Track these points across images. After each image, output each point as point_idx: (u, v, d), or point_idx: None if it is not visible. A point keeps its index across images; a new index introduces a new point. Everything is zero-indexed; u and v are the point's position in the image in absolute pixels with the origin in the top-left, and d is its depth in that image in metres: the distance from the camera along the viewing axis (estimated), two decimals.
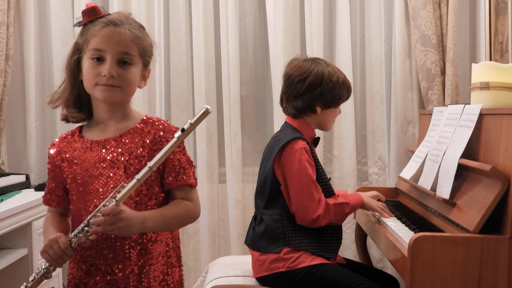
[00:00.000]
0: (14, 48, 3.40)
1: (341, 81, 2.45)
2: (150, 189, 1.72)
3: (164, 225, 1.72)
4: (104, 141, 1.72)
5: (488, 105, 2.31)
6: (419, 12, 3.24)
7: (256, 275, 2.40)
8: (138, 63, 1.72)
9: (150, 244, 1.73)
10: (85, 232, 1.59)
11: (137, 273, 1.70)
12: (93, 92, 1.70)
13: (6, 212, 2.49)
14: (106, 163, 1.70)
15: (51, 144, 1.82)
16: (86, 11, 1.71)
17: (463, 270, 1.94)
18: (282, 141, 2.37)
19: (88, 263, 1.72)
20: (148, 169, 1.58)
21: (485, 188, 2.06)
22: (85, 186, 1.71)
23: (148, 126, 1.75)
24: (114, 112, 1.75)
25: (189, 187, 1.76)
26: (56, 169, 1.79)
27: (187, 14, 3.51)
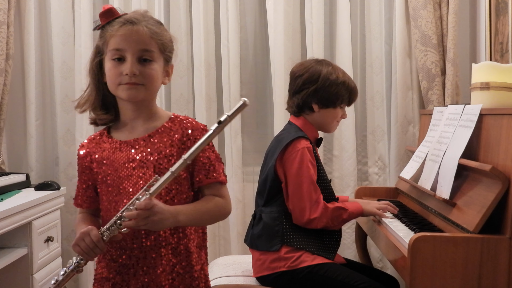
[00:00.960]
0: (15, 47, 3.40)
1: (340, 81, 2.44)
2: (180, 187, 1.71)
3: (196, 219, 1.70)
4: (133, 141, 1.72)
5: (488, 105, 2.31)
6: (419, 12, 3.24)
7: (256, 275, 2.40)
8: (159, 59, 1.72)
9: (183, 242, 1.72)
10: (117, 225, 1.58)
11: (168, 272, 1.70)
12: (117, 92, 1.70)
13: (6, 212, 2.49)
14: (136, 163, 1.70)
15: (80, 145, 1.82)
16: (103, 13, 1.71)
17: (463, 270, 1.94)
18: (285, 139, 2.38)
19: (117, 263, 1.71)
20: (183, 161, 1.57)
21: (485, 188, 2.06)
22: (115, 187, 1.71)
23: (176, 125, 1.74)
24: (141, 112, 1.75)
25: (220, 184, 1.75)
26: (86, 170, 1.78)
27: (188, 14, 3.52)
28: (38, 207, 2.82)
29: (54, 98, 3.55)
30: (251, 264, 2.49)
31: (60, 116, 3.54)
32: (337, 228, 2.42)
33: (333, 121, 2.52)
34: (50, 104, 3.57)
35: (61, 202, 3.15)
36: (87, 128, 3.44)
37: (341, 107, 2.51)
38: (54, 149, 3.59)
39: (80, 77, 3.45)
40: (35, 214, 2.78)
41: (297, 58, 3.49)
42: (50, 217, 2.99)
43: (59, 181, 3.42)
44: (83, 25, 3.45)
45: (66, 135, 3.54)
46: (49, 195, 2.96)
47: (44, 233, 2.91)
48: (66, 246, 3.51)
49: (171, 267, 1.70)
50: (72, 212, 3.54)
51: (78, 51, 3.47)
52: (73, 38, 3.50)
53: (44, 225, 2.90)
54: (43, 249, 2.90)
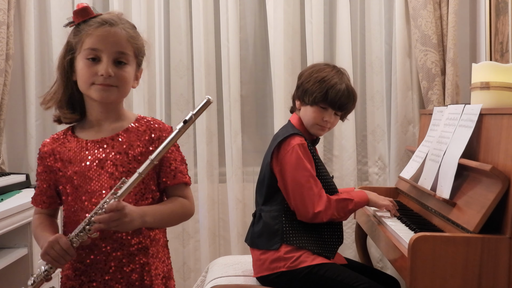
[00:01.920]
0: (15, 48, 3.39)
1: (320, 79, 2.39)
2: (147, 187, 1.73)
3: (162, 221, 1.73)
4: (101, 140, 1.72)
5: (488, 105, 2.31)
6: (419, 12, 3.24)
7: (256, 275, 2.40)
8: (133, 63, 1.73)
9: (149, 241, 1.73)
10: (87, 231, 1.58)
11: (139, 272, 1.70)
12: (89, 92, 1.69)
13: (6, 212, 2.49)
14: (103, 162, 1.70)
15: (42, 144, 1.80)
16: (78, 11, 1.70)
17: (463, 270, 1.94)
18: (279, 137, 2.38)
19: (84, 263, 1.71)
20: (150, 162, 1.59)
21: (485, 188, 2.06)
22: (82, 186, 1.70)
23: (143, 126, 1.75)
24: (109, 113, 1.75)
25: (185, 185, 1.78)
26: (47, 170, 1.77)
27: (188, 14, 3.51)
28: None
29: None
30: (251, 264, 2.49)
31: None
32: (344, 219, 2.42)
33: (312, 122, 2.43)
34: None
35: None
36: None
37: (321, 107, 2.41)
38: None
39: None
40: None
41: (297, 58, 3.49)
42: None
43: None
44: None
45: None
46: None
47: None
48: None
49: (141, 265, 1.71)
50: None
51: None
52: None
53: None
54: None
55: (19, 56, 3.49)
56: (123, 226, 1.59)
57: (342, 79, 2.42)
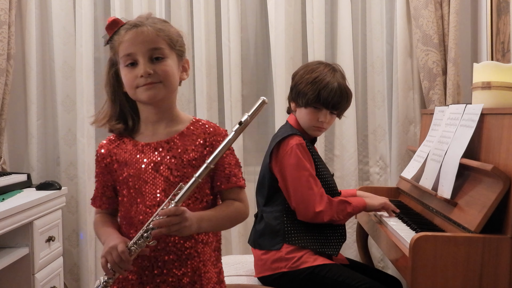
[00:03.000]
0: (16, 47, 3.40)
1: (312, 80, 2.38)
2: (201, 191, 1.72)
3: (217, 225, 1.72)
4: (156, 143, 1.71)
5: (490, 104, 2.31)
6: (420, 11, 3.23)
7: (258, 275, 2.40)
8: (171, 55, 1.71)
9: (202, 245, 1.72)
10: (145, 238, 1.57)
11: (190, 275, 1.69)
12: (137, 96, 1.69)
13: (7, 211, 2.49)
14: (158, 166, 1.69)
15: (99, 145, 1.81)
16: (108, 25, 1.71)
17: (464, 270, 1.94)
18: (278, 137, 2.38)
19: (136, 264, 1.69)
20: (206, 166, 1.59)
21: (486, 188, 2.06)
22: (137, 189, 1.70)
23: (198, 129, 1.74)
24: (163, 115, 1.74)
25: (239, 188, 1.77)
26: (105, 171, 1.77)
27: (189, 14, 3.51)
28: (39, 207, 2.82)
29: (55, 98, 3.54)
30: (252, 264, 2.50)
31: (61, 116, 3.54)
32: (343, 222, 2.42)
33: (308, 123, 2.44)
34: (51, 104, 3.57)
35: (62, 202, 3.15)
36: (88, 128, 3.45)
37: (315, 107, 2.40)
38: (55, 149, 3.59)
39: (81, 77, 3.46)
40: (36, 214, 2.78)
41: (298, 58, 3.49)
42: (51, 217, 2.99)
43: (60, 181, 3.42)
44: (84, 25, 3.44)
45: (67, 135, 3.54)
46: (50, 195, 2.95)
47: (45, 233, 2.91)
48: (67, 246, 3.51)
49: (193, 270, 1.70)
50: (73, 212, 3.55)
51: (79, 51, 3.47)
52: (74, 38, 3.50)
53: (45, 225, 2.90)
54: (44, 249, 2.90)
55: (20, 56, 3.49)
56: (183, 230, 1.58)
57: (335, 77, 2.40)
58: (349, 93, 2.45)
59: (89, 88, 3.47)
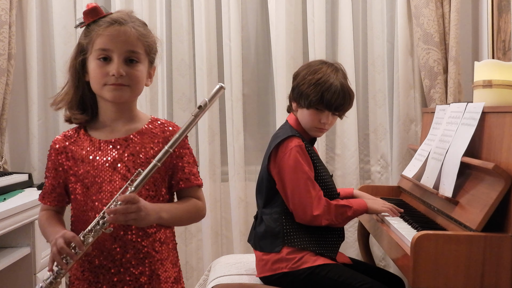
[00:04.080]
0: (17, 47, 3.40)
1: (315, 82, 2.35)
2: (158, 190, 1.72)
3: (177, 218, 1.72)
4: (114, 141, 1.71)
5: (491, 103, 2.31)
6: (421, 10, 3.23)
7: (259, 275, 2.40)
8: (145, 61, 1.71)
9: (159, 244, 1.73)
10: (101, 225, 1.56)
11: (148, 274, 1.70)
12: (102, 92, 1.69)
13: (8, 211, 2.49)
14: (115, 163, 1.69)
15: (53, 141, 1.79)
16: (87, 11, 1.69)
17: (465, 268, 1.94)
18: (277, 139, 2.37)
19: (93, 265, 1.70)
20: (166, 150, 1.60)
21: (487, 186, 2.06)
22: (93, 186, 1.69)
23: (157, 128, 1.75)
24: (122, 113, 1.74)
25: (197, 187, 1.79)
26: (58, 167, 1.76)
27: (189, 13, 3.51)
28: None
29: None
30: (253, 263, 2.49)
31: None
32: (342, 225, 2.40)
33: (310, 124, 2.42)
34: None
35: None
36: None
37: (318, 109, 2.38)
38: None
39: None
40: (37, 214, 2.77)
41: (299, 57, 3.49)
42: None
43: None
44: None
45: None
46: None
47: None
48: None
49: (150, 269, 1.70)
50: None
51: None
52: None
53: None
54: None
55: (21, 56, 3.49)
56: (140, 220, 1.58)
57: (337, 78, 2.37)
58: (352, 94, 2.43)
59: None
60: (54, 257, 1.58)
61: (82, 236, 1.58)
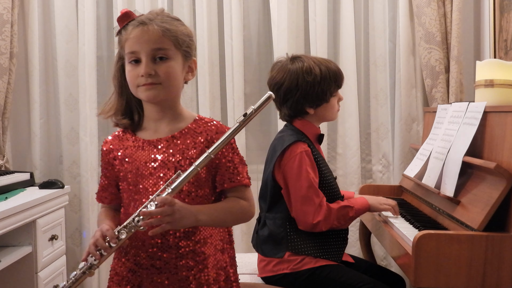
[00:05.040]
0: (18, 46, 3.40)
1: (320, 77, 2.36)
2: (200, 190, 1.70)
3: (218, 219, 1.70)
4: (156, 141, 1.71)
5: (493, 102, 2.31)
6: (423, 9, 3.23)
7: (261, 275, 2.40)
8: (176, 56, 1.69)
9: (199, 246, 1.70)
10: (135, 223, 1.57)
11: (184, 275, 1.68)
12: (138, 94, 1.69)
13: (10, 210, 2.49)
14: (157, 163, 1.69)
15: (104, 141, 1.81)
16: (119, 17, 1.70)
17: (467, 268, 1.94)
18: (283, 144, 2.34)
19: (131, 261, 1.70)
20: (207, 155, 1.58)
21: (489, 186, 2.06)
22: (135, 185, 1.70)
23: (201, 127, 1.73)
24: (165, 113, 1.74)
25: (244, 187, 1.75)
26: (108, 167, 1.78)
27: (191, 12, 3.51)
28: (43, 205, 2.82)
29: (58, 96, 3.55)
30: (255, 263, 2.50)
31: (64, 115, 3.55)
32: (346, 227, 2.39)
33: (333, 111, 2.47)
34: (54, 103, 3.58)
35: (66, 201, 3.15)
36: (91, 127, 3.46)
37: (334, 95, 2.44)
38: (58, 148, 3.60)
39: (83, 75, 3.46)
40: (39, 213, 2.78)
41: None
42: (55, 215, 2.99)
43: (63, 180, 3.42)
44: (87, 24, 3.45)
45: (70, 134, 3.55)
46: (54, 193, 2.96)
47: (48, 231, 2.91)
48: (70, 244, 3.52)
49: (188, 269, 1.69)
50: (76, 210, 3.55)
51: (82, 50, 3.47)
52: (76, 37, 3.50)
53: (49, 223, 2.90)
54: (48, 248, 2.90)
55: (23, 55, 3.49)
56: (175, 223, 1.57)
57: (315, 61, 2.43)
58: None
59: (91, 87, 3.47)
60: (89, 247, 1.61)
61: (117, 231, 1.59)
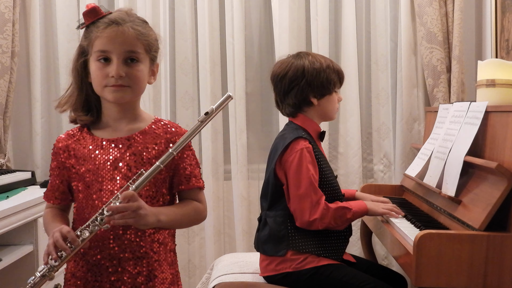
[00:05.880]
0: (20, 45, 3.40)
1: (325, 66, 2.39)
2: (159, 191, 1.72)
3: (176, 221, 1.72)
4: (116, 140, 1.71)
5: (494, 102, 2.30)
6: (425, 9, 3.23)
7: (263, 274, 2.40)
8: (145, 60, 1.70)
9: (158, 245, 1.73)
10: (99, 221, 1.56)
11: (145, 275, 1.70)
12: (103, 94, 1.69)
13: (12, 209, 2.49)
14: (117, 162, 1.69)
15: (57, 140, 1.80)
16: (86, 12, 1.68)
17: (468, 268, 1.94)
18: (284, 141, 2.35)
19: (90, 263, 1.70)
20: (170, 153, 1.59)
21: (490, 186, 2.06)
22: (94, 185, 1.70)
23: (160, 128, 1.74)
24: (125, 113, 1.74)
25: (198, 189, 1.78)
26: (60, 166, 1.77)
27: (193, 11, 3.51)
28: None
29: (59, 95, 3.51)
30: (256, 262, 2.49)
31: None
32: (342, 228, 2.36)
33: (334, 107, 2.48)
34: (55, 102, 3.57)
35: None
36: None
37: (335, 91, 2.46)
38: None
39: None
40: (40, 212, 2.78)
41: None
42: None
43: None
44: None
45: None
46: None
47: None
48: None
49: (148, 269, 1.70)
50: None
51: None
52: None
53: None
54: None
55: (25, 54, 3.49)
56: (139, 219, 1.56)
57: (327, 58, 2.48)
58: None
59: None
60: (48, 249, 1.60)
61: (79, 231, 1.58)
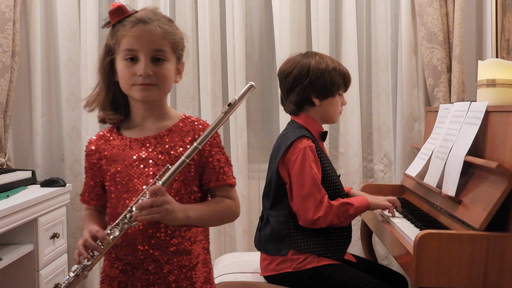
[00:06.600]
0: (21, 44, 3.40)
1: (331, 68, 2.39)
2: (189, 188, 1.70)
3: (205, 218, 1.70)
4: (144, 139, 1.71)
5: (494, 102, 2.31)
6: (425, 9, 3.23)
7: (263, 274, 2.40)
8: (172, 58, 1.70)
9: (189, 243, 1.71)
10: (128, 219, 1.56)
11: (176, 273, 1.68)
12: (131, 92, 1.69)
13: (12, 208, 2.49)
14: (146, 161, 1.68)
15: (88, 141, 1.80)
16: (112, 11, 1.68)
17: (468, 267, 1.94)
18: (287, 140, 2.35)
19: (123, 262, 1.70)
20: (195, 146, 1.59)
21: (491, 186, 2.06)
22: (124, 184, 1.69)
23: (187, 126, 1.73)
24: (152, 111, 1.73)
25: (229, 186, 1.75)
26: (94, 167, 1.77)
27: (193, 11, 3.51)
28: (44, 203, 2.82)
29: (60, 95, 3.55)
30: (256, 262, 2.50)
31: (66, 113, 3.55)
32: (345, 224, 2.37)
33: (336, 110, 2.47)
34: (56, 101, 3.58)
35: (67, 199, 3.16)
36: (92, 125, 3.45)
37: (339, 94, 2.45)
38: (60, 146, 3.60)
39: (86, 74, 3.46)
40: (41, 211, 2.79)
41: None
42: (56, 213, 2.99)
43: (65, 178, 3.43)
44: (89, 22, 3.45)
45: (71, 132, 3.55)
46: (55, 191, 2.96)
47: (50, 229, 2.92)
48: (72, 242, 3.51)
49: (179, 268, 1.69)
50: (78, 209, 3.55)
51: (84, 48, 3.47)
52: (79, 35, 3.50)
53: (50, 221, 2.91)
54: (49, 246, 2.91)
55: (25, 53, 3.50)
56: (166, 214, 1.55)
57: (332, 60, 2.46)
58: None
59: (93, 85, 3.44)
60: (78, 249, 1.60)
61: (109, 229, 1.59)
